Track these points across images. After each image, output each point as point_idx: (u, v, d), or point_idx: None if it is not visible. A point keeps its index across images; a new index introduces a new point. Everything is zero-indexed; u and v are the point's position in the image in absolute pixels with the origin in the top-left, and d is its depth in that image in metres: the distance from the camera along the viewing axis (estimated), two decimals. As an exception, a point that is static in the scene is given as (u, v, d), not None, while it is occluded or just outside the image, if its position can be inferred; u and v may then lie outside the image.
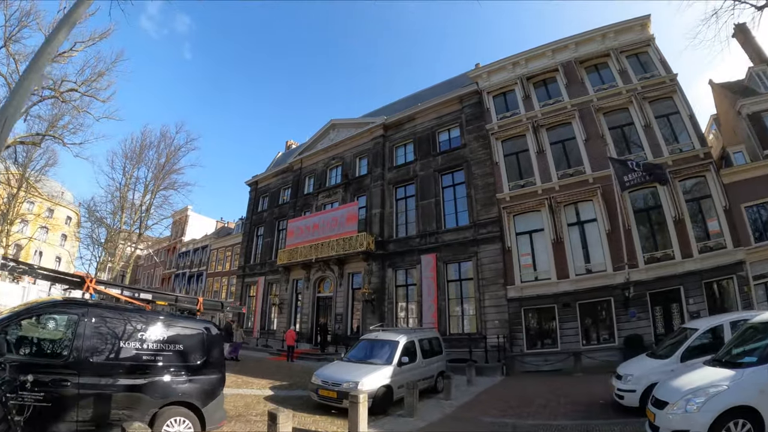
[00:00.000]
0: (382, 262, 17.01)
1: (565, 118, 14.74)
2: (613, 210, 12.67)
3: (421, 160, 17.47)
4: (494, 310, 13.94)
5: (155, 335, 3.93)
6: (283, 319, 20.83)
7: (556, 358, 12.16)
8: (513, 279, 13.86)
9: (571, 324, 12.62)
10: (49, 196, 33.73)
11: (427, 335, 9.84)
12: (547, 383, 10.03)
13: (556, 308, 12.97)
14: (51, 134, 17.95)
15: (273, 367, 13.48)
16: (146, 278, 44.89)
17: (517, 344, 13.26)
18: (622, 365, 7.49)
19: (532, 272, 13.89)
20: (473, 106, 17.01)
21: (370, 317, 16.49)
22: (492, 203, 15.09)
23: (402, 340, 8.49)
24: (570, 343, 12.38)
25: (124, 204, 23.06)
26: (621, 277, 11.94)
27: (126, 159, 23.17)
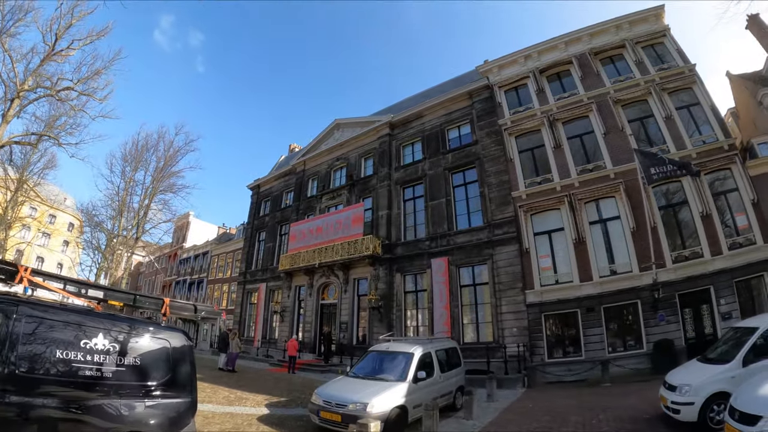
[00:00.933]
0: (389, 267, 15.95)
1: (582, 112, 13.91)
2: (637, 206, 11.80)
3: (430, 158, 16.55)
4: (512, 317, 12.81)
5: (104, 344, 2.93)
6: (285, 328, 19.74)
7: (581, 367, 11.15)
8: (532, 283, 12.83)
9: (595, 330, 11.58)
10: (51, 201, 33.25)
11: (443, 345, 8.72)
12: (575, 396, 9.04)
13: (579, 313, 11.93)
14: (46, 134, 17.33)
15: (272, 379, 12.36)
16: (148, 285, 44.05)
17: (537, 353, 12.19)
18: (671, 374, 6.46)
19: (552, 275, 12.86)
20: (484, 101, 16.14)
21: (377, 326, 15.38)
22: (507, 202, 14.09)
23: (417, 351, 7.37)
24: (595, 350, 11.36)
25: (123, 208, 22.34)
26: (648, 278, 11.03)
27: (125, 162, 22.54)
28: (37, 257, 37.48)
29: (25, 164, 21.70)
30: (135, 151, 22.77)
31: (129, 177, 22.62)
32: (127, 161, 22.45)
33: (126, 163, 22.41)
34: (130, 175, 22.65)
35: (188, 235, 36.99)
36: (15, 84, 15.82)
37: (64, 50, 17.04)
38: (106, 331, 2.92)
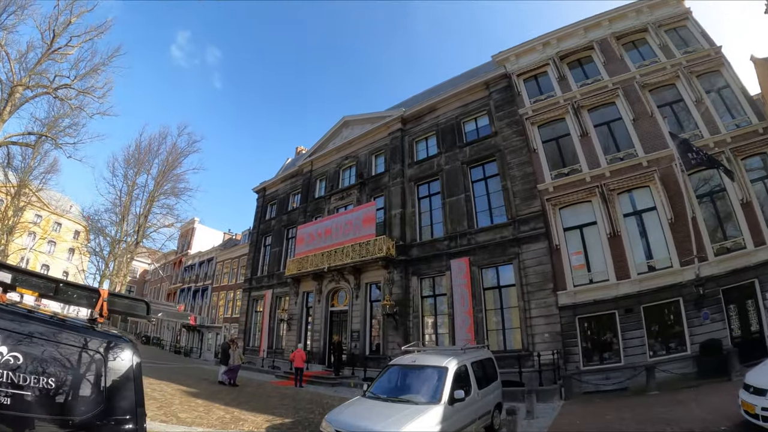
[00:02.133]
0: (404, 270, 14.65)
1: (608, 98, 12.92)
2: (673, 195, 10.83)
3: (445, 153, 15.36)
4: (543, 321, 11.48)
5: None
6: (292, 337, 18.44)
7: (620, 374, 10.03)
8: (564, 283, 11.60)
9: (635, 332, 10.40)
10: (54, 207, 32.69)
11: (478, 356, 7.32)
12: (625, 408, 7.93)
13: (617, 315, 10.73)
14: (44, 134, 16.57)
15: (276, 395, 11.00)
16: (153, 293, 43.17)
17: (572, 360, 10.94)
18: (754, 376, 5.32)
19: (585, 274, 11.64)
20: (502, 90, 15.02)
21: (392, 334, 14.02)
22: (533, 196, 12.82)
23: (451, 365, 6.00)
24: (635, 355, 10.21)
25: (126, 213, 21.46)
26: (690, 273, 10.01)
27: (128, 165, 21.74)
28: (42, 265, 36.90)
29: (27, 168, 21.01)
30: (138, 153, 22.00)
31: (132, 181, 21.78)
32: (129, 164, 21.68)
33: (128, 167, 21.63)
34: (133, 178, 21.82)
35: (193, 241, 36.05)
36: (11, 82, 15.12)
37: (63, 47, 16.37)
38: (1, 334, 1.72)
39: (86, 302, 2.29)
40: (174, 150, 22.73)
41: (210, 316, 29.56)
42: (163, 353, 29.03)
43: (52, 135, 16.50)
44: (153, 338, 38.20)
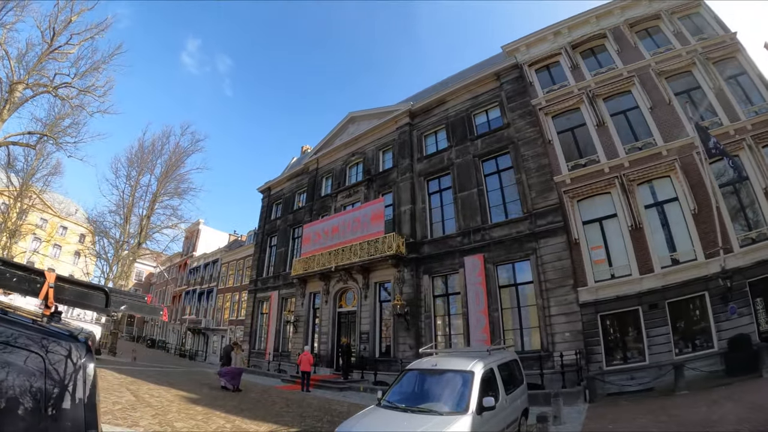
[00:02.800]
0: (415, 268, 14.02)
1: (624, 86, 12.44)
2: (696, 185, 10.36)
3: (456, 146, 14.76)
4: (564, 320, 10.84)
5: None
6: (299, 339, 17.85)
7: (646, 374, 9.50)
8: (584, 279, 10.99)
9: (660, 329, 9.84)
10: (58, 210, 32.50)
11: (504, 358, 6.64)
12: (658, 409, 7.39)
13: (641, 311, 10.15)
14: (44, 133, 16.21)
15: (281, 400, 10.31)
16: (159, 296, 42.85)
17: (594, 360, 10.34)
18: None
19: (606, 269, 11.07)
20: (513, 81, 14.44)
21: (404, 335, 13.39)
22: (549, 188, 12.21)
23: (478, 369, 5.29)
24: (660, 353, 9.64)
25: (129, 215, 21.05)
26: (715, 266, 9.51)
27: (131, 166, 21.35)
28: (47, 268, 36.65)
29: (29, 170, 20.74)
30: (141, 153, 21.61)
31: (135, 181, 21.40)
32: (132, 165, 21.29)
33: (131, 167, 21.24)
34: (136, 179, 21.43)
35: (198, 243, 35.63)
36: (11, 81, 14.79)
37: (63, 46, 16.03)
38: None
39: (28, 287, 1.71)
40: (177, 149, 22.34)
41: (215, 319, 29.08)
42: (167, 357, 28.58)
43: (52, 135, 16.13)
44: (158, 341, 37.82)
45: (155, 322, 42.18)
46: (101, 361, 15.06)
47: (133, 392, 8.44)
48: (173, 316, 37.28)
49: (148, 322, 44.95)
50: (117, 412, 6.54)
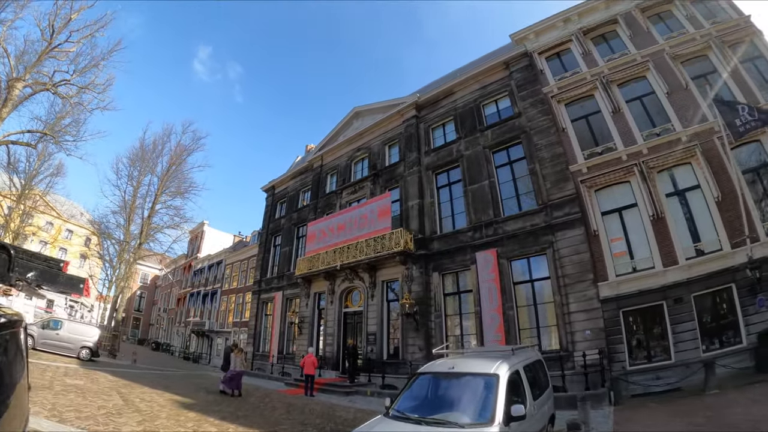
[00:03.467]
0: (424, 265, 13.30)
1: (639, 71, 11.90)
2: (718, 172, 9.75)
3: (465, 138, 14.07)
4: (584, 317, 10.10)
5: None
6: (303, 341, 17.17)
7: (671, 373, 8.91)
8: (605, 273, 10.32)
9: (685, 325, 9.17)
10: (61, 211, 32.24)
11: (529, 358, 5.84)
12: (693, 411, 6.76)
13: (665, 306, 9.49)
14: (42, 131, 15.81)
15: (282, 405, 9.55)
16: (164, 299, 42.51)
17: (617, 359, 9.66)
18: None
19: (628, 262, 10.42)
20: (523, 70, 13.79)
21: (413, 336, 12.65)
22: (565, 178, 11.50)
23: (503, 371, 4.51)
24: (687, 350, 8.98)
25: (131, 215, 20.59)
26: (742, 256, 8.91)
27: (132, 166, 20.92)
28: (54, 272, 36.44)
29: (31, 172, 20.41)
30: (142, 152, 21.18)
31: (137, 181, 20.96)
32: (134, 165, 20.86)
33: (133, 167, 20.81)
34: (138, 179, 20.99)
35: (203, 245, 35.17)
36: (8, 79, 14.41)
37: (63, 44, 15.66)
38: None
39: None
40: (179, 147, 21.88)
41: (219, 321, 28.51)
42: (171, 360, 28.01)
43: (51, 133, 15.72)
44: (163, 344, 37.35)
45: (160, 325, 41.80)
46: (99, 363, 14.51)
47: (124, 396, 7.82)
48: (177, 319, 36.81)
49: (154, 325, 44.62)
50: (100, 417, 5.90)
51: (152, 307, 46.51)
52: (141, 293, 47.38)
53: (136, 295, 47.04)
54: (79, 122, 16.98)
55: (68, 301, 36.99)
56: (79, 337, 14.68)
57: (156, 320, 43.89)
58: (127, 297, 46.17)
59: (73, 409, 6.20)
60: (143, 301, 47.12)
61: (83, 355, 14.51)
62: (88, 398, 7.25)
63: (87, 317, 38.30)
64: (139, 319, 46.60)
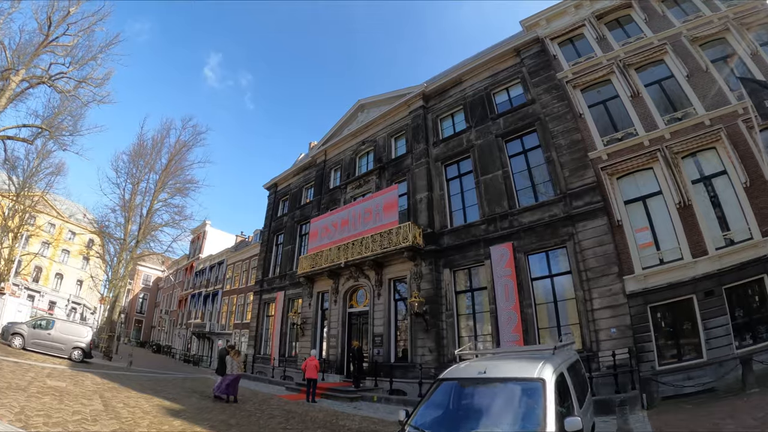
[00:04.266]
0: (434, 261, 12.42)
1: (656, 54, 11.25)
2: (745, 156, 9.05)
3: (476, 127, 13.28)
4: (609, 313, 9.24)
5: None
6: (305, 343, 16.29)
7: (704, 372, 8.22)
8: (630, 265, 9.52)
9: (717, 320, 8.41)
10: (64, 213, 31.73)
11: (570, 358, 4.89)
12: (736, 413, 6.08)
13: (695, 299, 8.71)
14: (38, 126, 15.24)
15: (281, 413, 8.55)
16: (166, 301, 41.78)
17: (645, 359, 8.85)
18: None
19: (654, 253, 9.61)
20: (535, 56, 13.06)
21: (423, 337, 11.74)
22: (584, 165, 10.69)
23: (548, 374, 3.55)
24: (719, 347, 8.23)
25: (130, 213, 19.94)
26: None
27: (131, 162, 20.31)
28: (56, 274, 36.01)
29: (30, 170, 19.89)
30: (140, 148, 20.57)
31: (137, 179, 20.32)
32: (133, 161, 20.25)
33: (132, 164, 20.20)
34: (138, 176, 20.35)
35: (204, 245, 34.43)
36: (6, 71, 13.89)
37: (60, 37, 15.15)
38: None
39: None
40: (178, 143, 21.26)
41: (220, 322, 27.68)
42: (170, 362, 27.16)
43: (48, 128, 15.15)
44: (164, 347, 36.52)
45: (162, 327, 41.05)
46: (91, 365, 13.71)
47: (106, 400, 6.99)
48: (179, 321, 36.04)
49: (155, 328, 43.86)
50: (71, 424, 5.10)
51: (154, 309, 45.82)
52: (143, 295, 46.72)
53: (138, 297, 46.40)
54: (77, 116, 16.44)
55: (70, 302, 36.45)
56: (71, 338, 13.93)
57: (158, 322, 43.16)
58: (129, 299, 45.70)
59: (44, 414, 5.40)
60: (145, 303, 46.44)
61: (75, 356, 13.75)
62: (65, 402, 6.44)
63: (89, 319, 37.70)
64: (141, 322, 45.89)
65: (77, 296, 37.48)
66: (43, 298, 33.18)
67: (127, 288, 44.55)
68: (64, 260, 36.34)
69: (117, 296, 19.66)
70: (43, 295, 33.45)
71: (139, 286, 46.10)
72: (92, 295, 37.62)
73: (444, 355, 11.35)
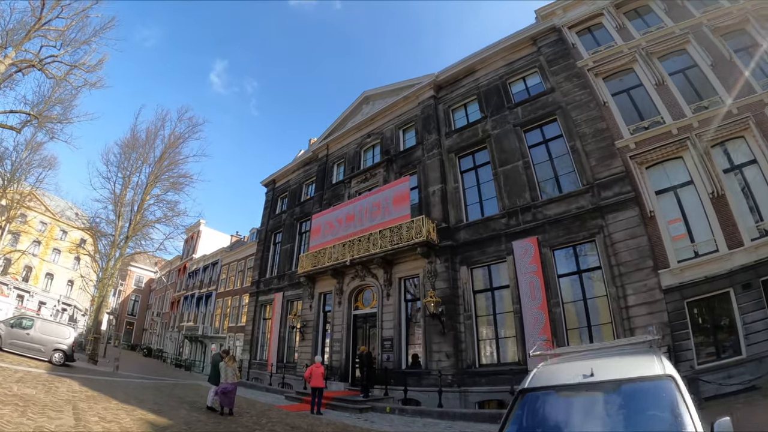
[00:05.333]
0: (450, 258, 11.41)
1: (678, 44, 10.77)
2: None
3: (492, 116, 12.44)
4: (645, 310, 8.43)
5: None
6: (306, 348, 15.07)
7: (744, 369, 7.61)
8: (665, 259, 8.80)
9: (755, 314, 7.85)
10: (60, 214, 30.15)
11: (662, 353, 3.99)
12: None
13: (733, 293, 8.09)
14: (26, 112, 14.02)
15: (284, 428, 7.31)
16: (158, 303, 39.91)
17: (683, 358, 8.13)
18: None
19: (688, 245, 8.95)
20: (553, 44, 12.39)
21: (438, 341, 10.66)
22: (611, 154, 9.93)
23: (673, 371, 2.60)
24: (758, 342, 7.64)
25: (121, 208, 18.60)
26: None
27: (123, 155, 19.00)
28: (46, 274, 34.19)
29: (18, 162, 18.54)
30: (133, 140, 19.27)
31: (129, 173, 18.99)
32: (125, 154, 18.94)
33: (124, 157, 18.88)
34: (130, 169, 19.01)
35: (198, 245, 32.82)
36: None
37: (54, 19, 14.02)
38: None
39: None
40: (173, 135, 20.01)
41: (214, 326, 26.14)
42: (161, 367, 25.50)
43: (36, 114, 13.93)
44: (155, 350, 34.65)
45: (153, 329, 39.18)
46: (73, 369, 12.32)
47: (79, 413, 5.76)
48: (171, 324, 34.31)
49: (147, 330, 41.87)
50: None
51: (146, 311, 43.83)
52: (135, 297, 44.68)
53: (130, 299, 44.36)
54: (67, 104, 15.23)
55: (60, 303, 34.67)
56: (51, 339, 12.54)
57: (149, 325, 41.18)
58: (120, 301, 43.65)
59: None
60: (137, 305, 44.34)
61: (56, 359, 12.36)
62: (29, 413, 5.24)
63: (80, 321, 35.82)
64: (132, 324, 43.77)
65: (68, 297, 35.65)
66: (33, 298, 31.41)
67: (119, 289, 42.67)
68: (54, 260, 34.53)
69: (104, 295, 18.21)
70: (33, 295, 31.65)
71: (131, 287, 44.06)
72: (83, 296, 35.82)
73: (462, 360, 10.29)
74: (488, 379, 9.77)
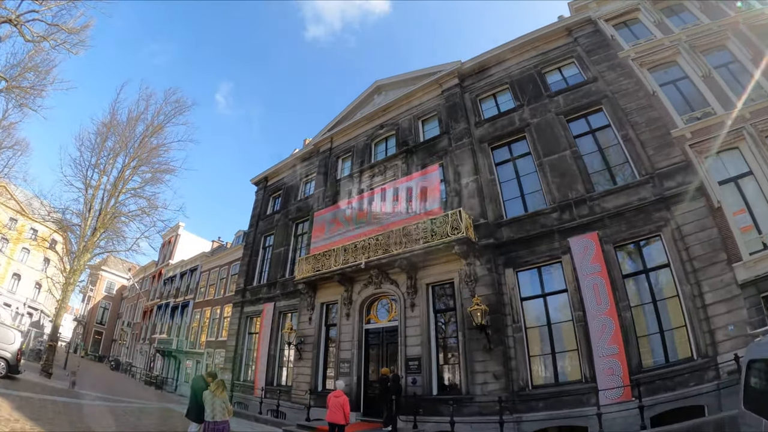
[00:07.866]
0: (492, 259, 9.48)
1: (718, 39, 10.22)
2: None
3: (529, 105, 10.97)
4: (724, 308, 7.15)
5: None
6: (304, 369, 12.36)
7: None
8: (737, 251, 7.71)
9: None
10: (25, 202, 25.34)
11: None
12: None
13: None
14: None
15: None
16: (129, 311, 34.54)
17: None
18: None
19: (756, 237, 7.93)
20: (589, 35, 11.41)
21: (482, 359, 8.57)
22: (668, 143, 8.82)
23: None
24: None
25: (92, 200, 15.14)
26: None
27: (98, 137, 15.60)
28: (13, 274, 28.59)
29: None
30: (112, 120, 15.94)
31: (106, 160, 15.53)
32: (101, 136, 15.55)
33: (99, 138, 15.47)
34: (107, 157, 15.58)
35: (176, 250, 28.65)
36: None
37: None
38: None
39: None
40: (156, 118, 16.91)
41: (189, 339, 22.22)
42: (130, 383, 21.22)
43: (5, 76, 10.77)
44: (124, 364, 29.48)
45: (123, 341, 33.85)
46: (15, 383, 8.94)
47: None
48: (142, 335, 29.44)
49: (117, 341, 36.10)
50: None
51: (117, 320, 37.96)
52: (105, 305, 38.62)
53: (100, 306, 38.30)
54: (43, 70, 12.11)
55: (26, 306, 29.08)
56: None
57: (119, 335, 35.51)
58: (89, 307, 37.61)
59: None
60: (107, 314, 38.22)
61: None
62: None
63: (47, 327, 30.12)
64: (101, 333, 37.55)
65: (34, 300, 30.10)
66: (-5, 300, 25.95)
67: (88, 295, 36.96)
68: (23, 259, 29.17)
69: (66, 295, 14.60)
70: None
71: (102, 293, 38.08)
72: (51, 300, 30.44)
73: (513, 381, 8.23)
74: (546, 403, 7.81)
